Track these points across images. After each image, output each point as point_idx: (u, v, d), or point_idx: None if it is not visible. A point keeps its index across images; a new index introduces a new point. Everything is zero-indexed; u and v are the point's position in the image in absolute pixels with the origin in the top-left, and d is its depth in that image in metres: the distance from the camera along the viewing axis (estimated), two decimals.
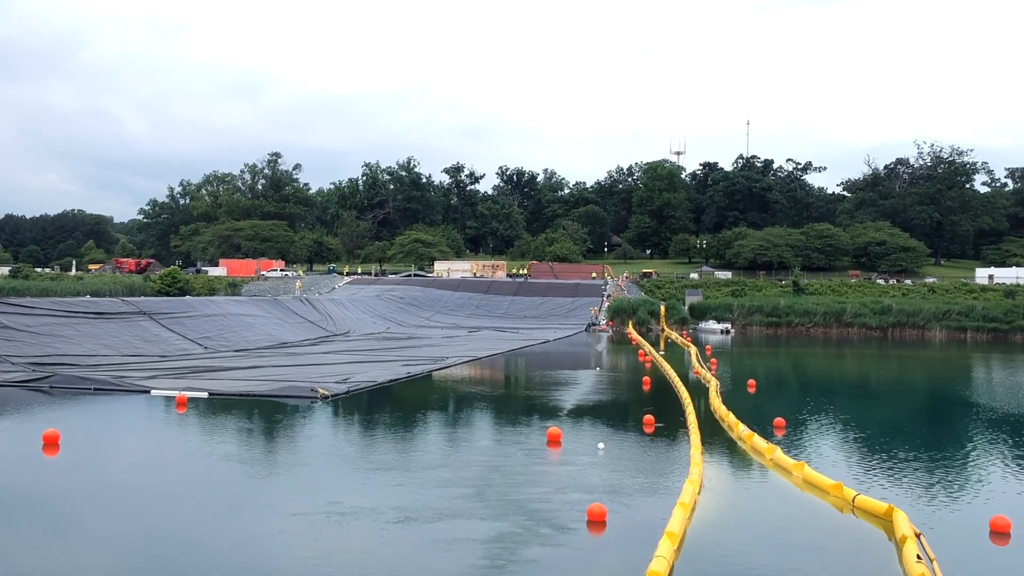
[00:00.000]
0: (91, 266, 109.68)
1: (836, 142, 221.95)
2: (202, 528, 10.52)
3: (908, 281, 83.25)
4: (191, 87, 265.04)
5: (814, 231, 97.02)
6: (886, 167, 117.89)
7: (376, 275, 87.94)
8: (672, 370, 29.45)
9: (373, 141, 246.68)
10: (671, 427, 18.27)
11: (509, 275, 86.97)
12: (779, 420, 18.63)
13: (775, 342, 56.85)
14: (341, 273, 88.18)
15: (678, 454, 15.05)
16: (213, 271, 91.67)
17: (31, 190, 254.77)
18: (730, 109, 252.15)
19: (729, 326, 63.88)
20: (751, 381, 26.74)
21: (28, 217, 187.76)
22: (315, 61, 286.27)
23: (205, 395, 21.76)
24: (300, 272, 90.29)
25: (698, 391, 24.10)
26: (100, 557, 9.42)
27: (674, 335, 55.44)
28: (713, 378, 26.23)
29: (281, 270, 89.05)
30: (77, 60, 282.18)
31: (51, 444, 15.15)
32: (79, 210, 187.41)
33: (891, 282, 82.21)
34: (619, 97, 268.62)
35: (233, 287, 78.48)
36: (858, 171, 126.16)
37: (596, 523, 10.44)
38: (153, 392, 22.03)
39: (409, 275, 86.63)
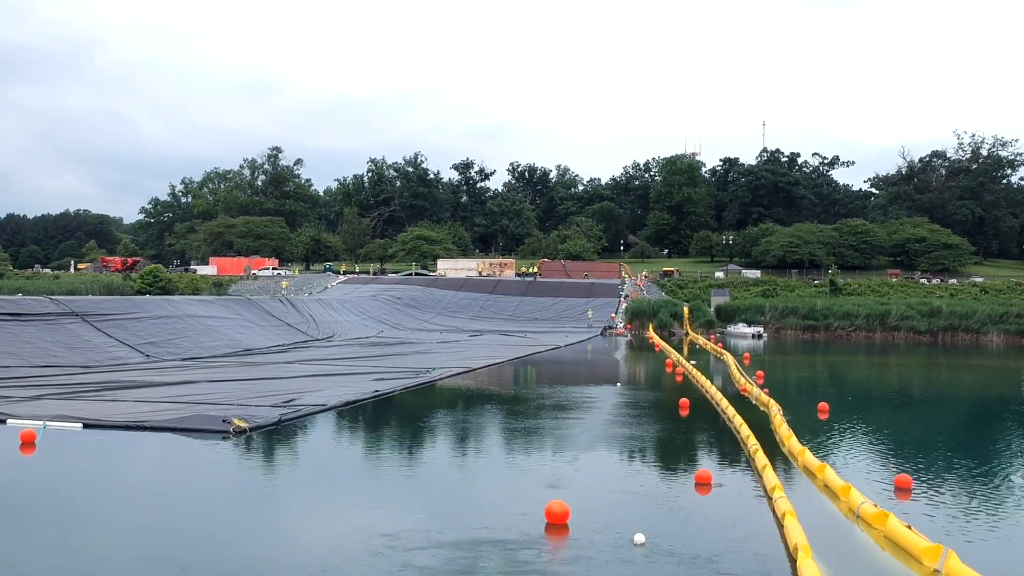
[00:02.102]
0: (80, 265, 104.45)
1: (856, 143, 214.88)
2: None
3: (953, 281, 76.39)
4: (206, 89, 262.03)
5: (847, 227, 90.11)
6: (921, 160, 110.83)
7: (374, 274, 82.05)
8: (712, 387, 23.19)
9: (387, 144, 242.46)
10: (738, 487, 12.04)
11: (518, 274, 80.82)
12: (903, 478, 12.12)
13: (815, 348, 50.46)
14: (337, 272, 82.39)
15: (771, 560, 8.76)
16: (202, 270, 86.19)
17: (47, 192, 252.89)
18: (746, 110, 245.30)
19: (761, 330, 57.53)
20: (823, 405, 20.32)
21: (31, 217, 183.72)
22: (329, 63, 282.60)
23: (78, 427, 15.78)
24: (295, 271, 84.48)
25: (753, 416, 17.84)
26: None
27: (700, 339, 49.25)
28: (771, 400, 19.97)
29: (274, 269, 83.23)
30: (93, 63, 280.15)
31: None
32: (84, 210, 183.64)
33: (934, 281, 75.43)
34: (634, 99, 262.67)
35: (219, 286, 72.80)
36: (882, 171, 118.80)
37: None
38: (9, 422, 16.05)
39: (410, 274, 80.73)
